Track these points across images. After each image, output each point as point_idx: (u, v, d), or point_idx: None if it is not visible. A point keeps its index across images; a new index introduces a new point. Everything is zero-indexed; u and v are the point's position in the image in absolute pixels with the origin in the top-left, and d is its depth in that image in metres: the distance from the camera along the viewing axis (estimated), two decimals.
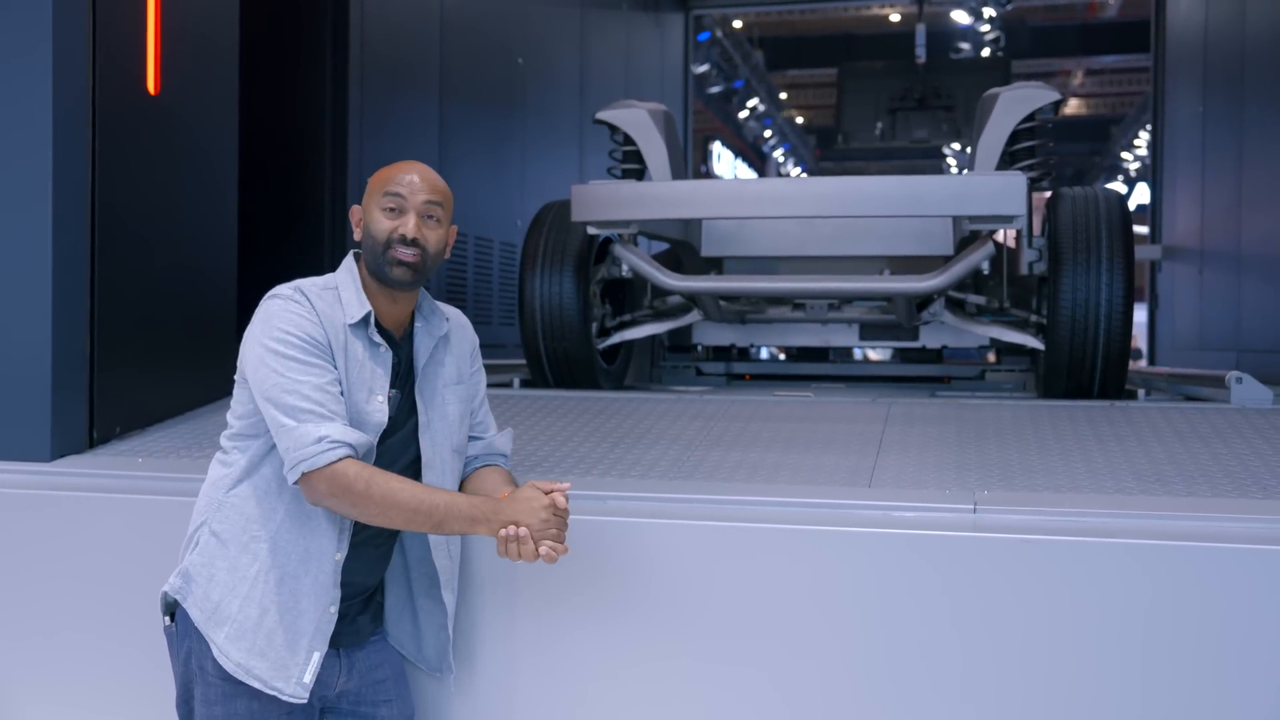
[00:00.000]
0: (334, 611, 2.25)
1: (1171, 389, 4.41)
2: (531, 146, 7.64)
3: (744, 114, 19.17)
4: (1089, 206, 4.04)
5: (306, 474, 2.12)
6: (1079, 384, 3.96)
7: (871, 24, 16.75)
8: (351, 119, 5.31)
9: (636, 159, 4.55)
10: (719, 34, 15.78)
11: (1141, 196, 15.85)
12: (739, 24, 16.28)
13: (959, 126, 12.88)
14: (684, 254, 5.03)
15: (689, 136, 11.52)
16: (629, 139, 4.54)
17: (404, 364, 2.35)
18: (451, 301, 6.27)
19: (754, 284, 4.40)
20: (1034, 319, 4.29)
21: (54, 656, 2.86)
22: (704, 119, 17.47)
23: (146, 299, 3.51)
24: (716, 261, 5.01)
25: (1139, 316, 5.98)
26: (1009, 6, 14.00)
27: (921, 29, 12.80)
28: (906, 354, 5.48)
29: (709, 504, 2.67)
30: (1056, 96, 4.18)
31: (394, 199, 2.29)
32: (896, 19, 16.24)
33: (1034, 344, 4.17)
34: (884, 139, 13.29)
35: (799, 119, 22.45)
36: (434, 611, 2.48)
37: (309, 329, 2.19)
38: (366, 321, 2.27)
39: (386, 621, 2.47)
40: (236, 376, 2.29)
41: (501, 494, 2.29)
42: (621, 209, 4.08)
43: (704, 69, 15.24)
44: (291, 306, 2.21)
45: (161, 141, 3.58)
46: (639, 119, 4.48)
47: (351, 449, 2.13)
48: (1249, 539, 2.34)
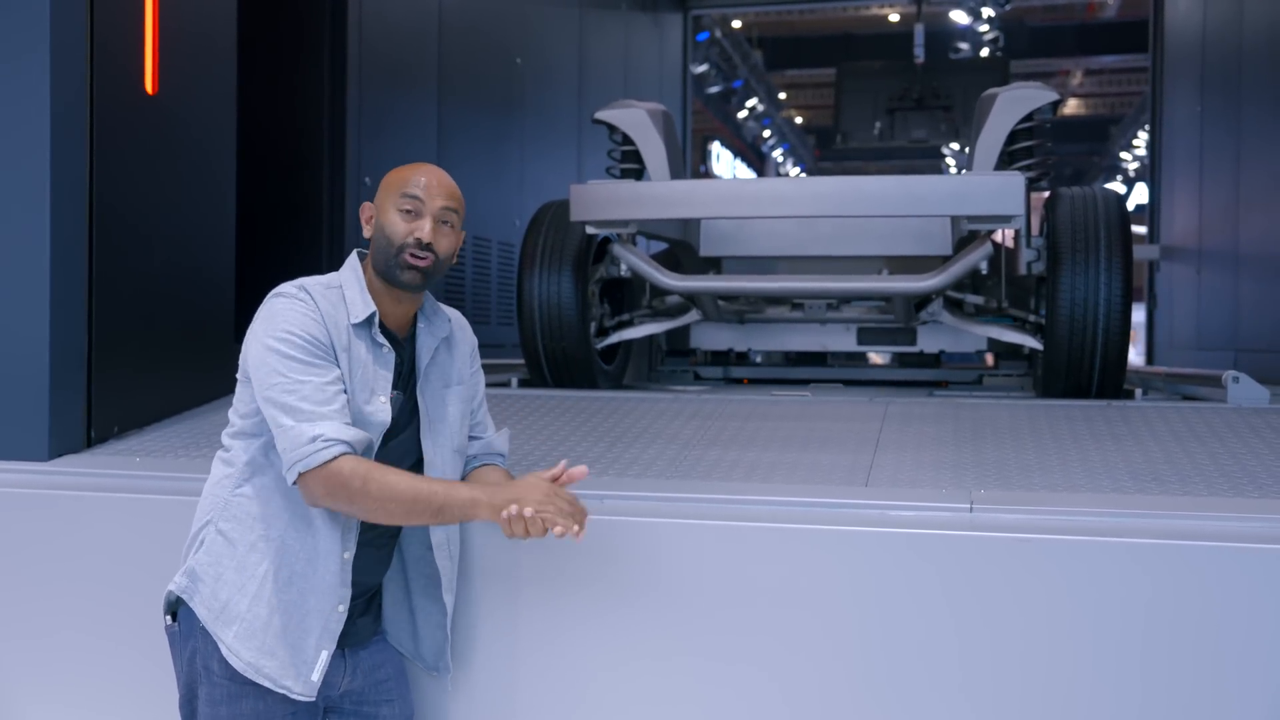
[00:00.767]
0: (343, 610, 2.25)
1: (1169, 389, 4.42)
2: (530, 146, 7.64)
3: (743, 114, 19.19)
4: (1088, 206, 4.04)
5: (303, 474, 2.11)
6: (1077, 383, 3.96)
7: (870, 24, 16.76)
8: (350, 119, 5.31)
9: (635, 159, 4.56)
10: (718, 34, 15.79)
11: (1140, 196, 15.86)
12: (738, 24, 16.29)
13: (957, 126, 12.88)
14: (682, 254, 5.03)
15: (688, 136, 11.53)
16: (628, 139, 4.54)
17: (406, 365, 2.35)
18: (449, 301, 6.27)
19: (753, 284, 4.41)
20: (1032, 319, 4.30)
21: (52, 656, 2.86)
22: (703, 119, 17.49)
23: (145, 298, 3.51)
24: (715, 261, 5.01)
25: (1137, 316, 5.98)
26: (1008, 6, 14.01)
27: (920, 29, 12.81)
28: (904, 358, 5.49)
29: (706, 503, 2.67)
30: (1055, 97, 4.19)
31: (411, 201, 2.28)
32: (895, 19, 16.25)
33: (1032, 344, 4.18)
34: (882, 139, 13.29)
35: (798, 119, 22.47)
36: (431, 611, 2.48)
37: (312, 328, 2.19)
38: (370, 322, 2.27)
39: (385, 620, 2.47)
40: (239, 374, 2.28)
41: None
42: (620, 209, 4.08)
43: (703, 69, 15.25)
44: (295, 305, 2.21)
45: (160, 141, 3.58)
46: (638, 119, 4.49)
47: (348, 446, 2.12)
48: (1245, 538, 2.35)
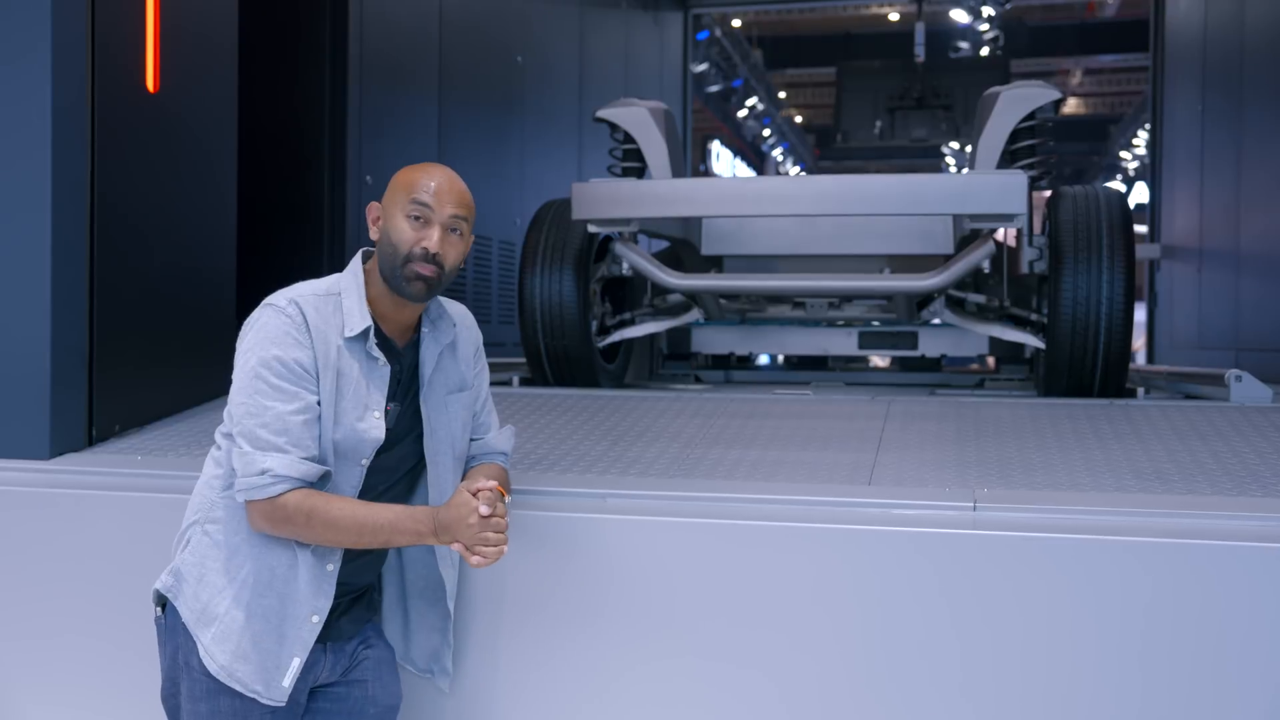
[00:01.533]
0: (317, 621, 2.22)
1: (1171, 387, 4.41)
2: (530, 145, 7.64)
3: (743, 113, 19.18)
4: (1090, 205, 4.03)
5: (249, 502, 2.13)
6: (1079, 382, 3.96)
7: (870, 23, 16.76)
8: (350, 117, 5.30)
9: (637, 157, 4.55)
10: (718, 33, 15.78)
11: (1140, 195, 15.85)
12: (738, 23, 16.29)
13: (958, 125, 12.89)
14: (684, 252, 5.03)
15: (688, 135, 11.52)
16: (629, 137, 4.54)
17: (405, 372, 2.31)
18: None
19: (754, 282, 4.41)
20: (1034, 318, 4.29)
21: (52, 655, 2.85)
22: (703, 118, 17.48)
23: (145, 297, 3.51)
24: (716, 260, 5.01)
25: (1138, 315, 6.00)
26: (1008, 6, 14.02)
27: (920, 28, 12.80)
28: (905, 362, 5.49)
29: (708, 501, 2.67)
30: (1057, 95, 4.18)
31: (420, 208, 2.21)
32: (895, 18, 16.25)
33: (1034, 343, 4.17)
34: (883, 138, 13.30)
35: (797, 118, 22.46)
36: (426, 613, 2.47)
37: (292, 351, 2.14)
38: (366, 336, 2.22)
39: (382, 618, 2.47)
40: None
41: None
42: (622, 207, 4.07)
43: (703, 68, 15.25)
44: (281, 324, 2.16)
45: (161, 140, 3.58)
46: (639, 117, 4.48)
47: (296, 482, 2.11)
48: (1249, 536, 2.34)
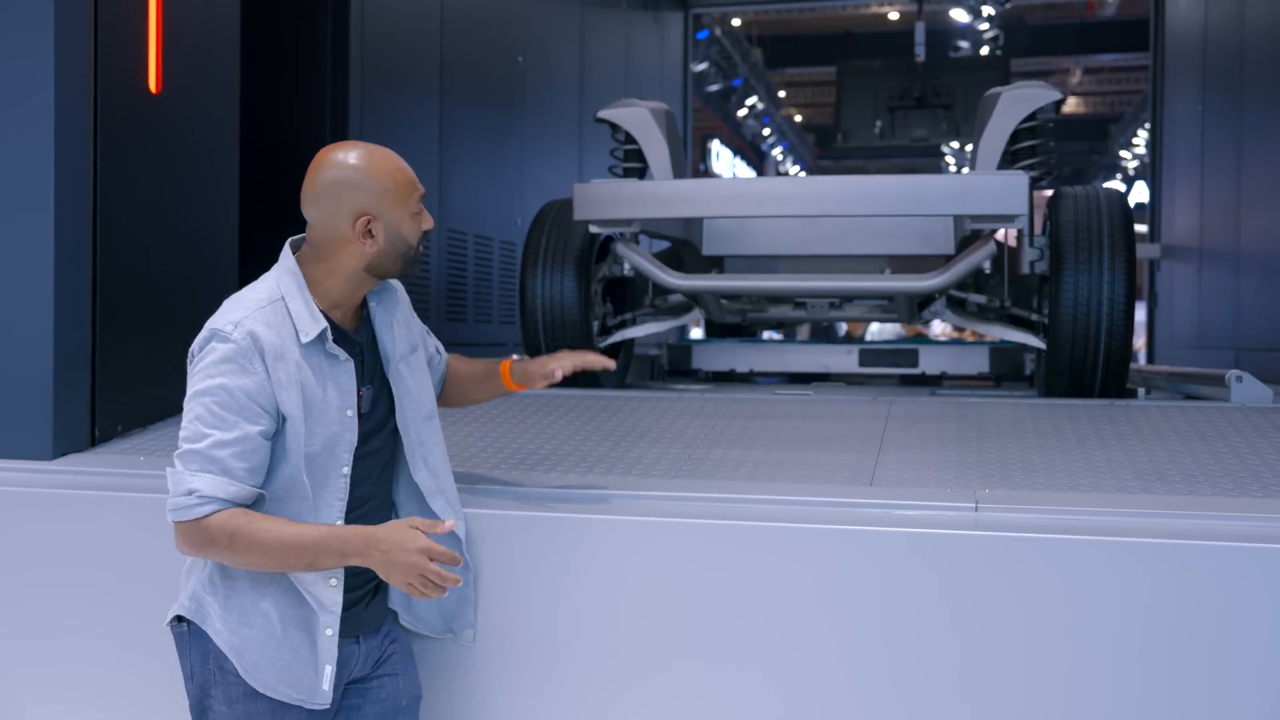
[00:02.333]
0: (330, 634, 2.22)
1: (1171, 388, 4.42)
2: (531, 145, 7.64)
3: (742, 112, 19.17)
4: (1091, 205, 4.04)
5: (175, 522, 2.12)
6: (1080, 383, 3.96)
7: (870, 22, 16.75)
8: (352, 118, 5.31)
9: (638, 158, 4.55)
10: (717, 32, 15.77)
11: (1140, 195, 15.87)
12: (737, 22, 16.27)
13: (958, 125, 12.89)
14: (685, 253, 5.03)
15: (688, 135, 11.52)
16: (630, 138, 4.54)
17: (366, 353, 2.31)
18: (451, 300, 6.30)
19: (756, 282, 4.41)
20: (1035, 318, 4.30)
21: (56, 656, 2.86)
22: (702, 117, 17.47)
23: (147, 297, 3.51)
24: (718, 260, 5.01)
25: (1138, 315, 6.01)
26: (1008, 5, 14.01)
27: (921, 27, 12.80)
28: (907, 379, 5.51)
29: (710, 502, 2.67)
30: (1058, 96, 4.19)
31: (419, 200, 2.29)
32: (895, 17, 16.25)
33: (1035, 343, 4.18)
34: (883, 137, 13.29)
35: (797, 117, 22.45)
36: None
37: (237, 379, 2.11)
38: (324, 337, 2.21)
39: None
40: None
41: (504, 364, 2.55)
42: (624, 207, 4.08)
43: (702, 67, 15.24)
44: (226, 351, 2.12)
45: (163, 140, 3.58)
46: (641, 118, 4.49)
47: (221, 504, 2.10)
48: (1250, 537, 2.34)
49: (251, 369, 2.12)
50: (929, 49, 13.23)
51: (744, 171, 21.73)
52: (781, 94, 20.83)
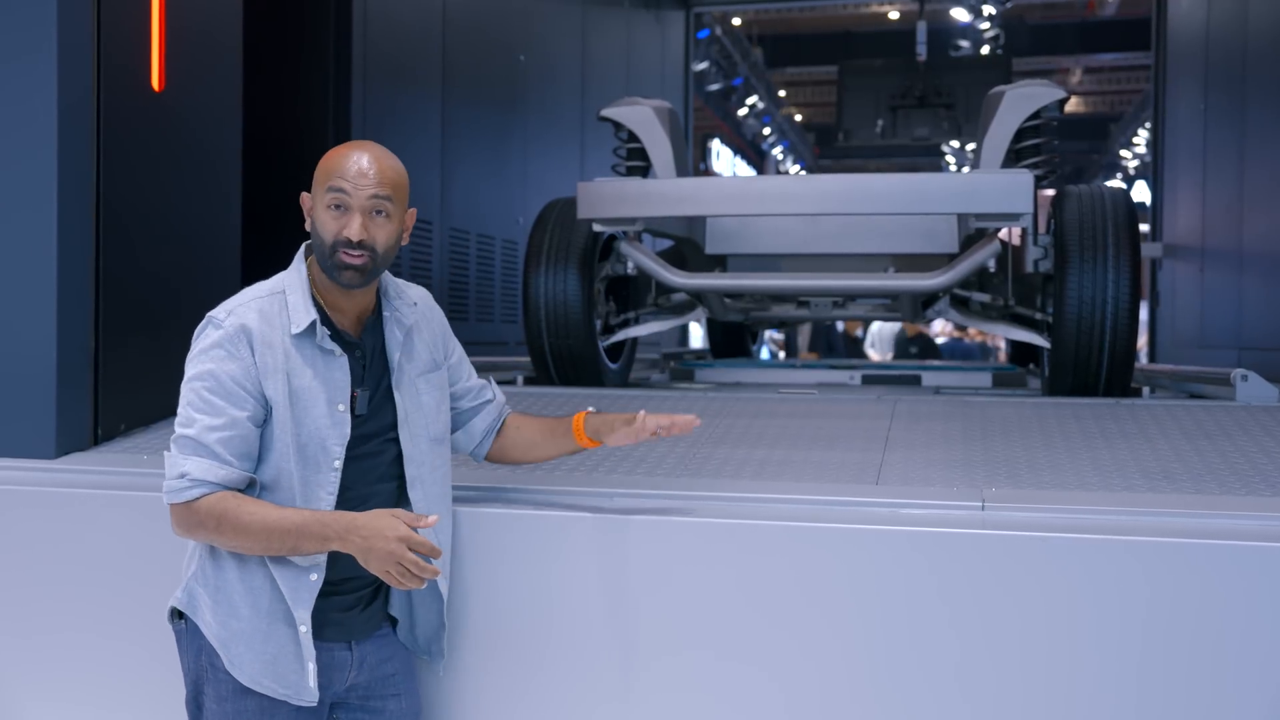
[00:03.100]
0: (305, 630, 2.22)
1: (1175, 387, 4.41)
2: (533, 144, 7.64)
3: (743, 112, 19.15)
4: (1095, 204, 4.03)
5: (170, 505, 2.17)
6: (1084, 381, 3.95)
7: (870, 21, 16.74)
8: (354, 116, 5.31)
9: (641, 156, 4.55)
10: (718, 31, 15.76)
11: (1140, 194, 15.87)
12: (738, 21, 16.26)
13: (959, 124, 12.87)
14: (688, 251, 5.02)
15: (690, 134, 11.51)
16: (633, 136, 4.53)
17: (370, 358, 2.30)
18: (453, 299, 6.29)
19: (759, 281, 4.41)
20: (1039, 317, 4.29)
21: (59, 654, 2.85)
22: (703, 116, 17.45)
23: (150, 296, 3.51)
24: (721, 259, 5.01)
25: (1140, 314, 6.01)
26: (1008, 4, 13.99)
27: (923, 26, 12.78)
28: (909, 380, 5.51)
29: (715, 501, 2.67)
30: (1062, 94, 4.18)
31: (337, 195, 2.17)
32: (895, 16, 16.23)
33: (1039, 341, 4.17)
34: (884, 137, 13.27)
35: (797, 116, 22.44)
36: (425, 594, 2.45)
37: (224, 365, 2.16)
38: (313, 329, 2.22)
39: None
40: None
41: (577, 421, 2.42)
42: (628, 206, 4.07)
43: (703, 66, 15.22)
44: (214, 338, 2.18)
45: (166, 138, 3.57)
46: (644, 116, 4.48)
47: (212, 487, 2.13)
48: (1258, 536, 2.34)
49: (238, 354, 2.17)
50: (930, 48, 13.21)
51: (744, 171, 21.71)
52: (782, 93, 20.82)
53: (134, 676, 2.76)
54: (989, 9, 13.96)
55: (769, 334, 13.30)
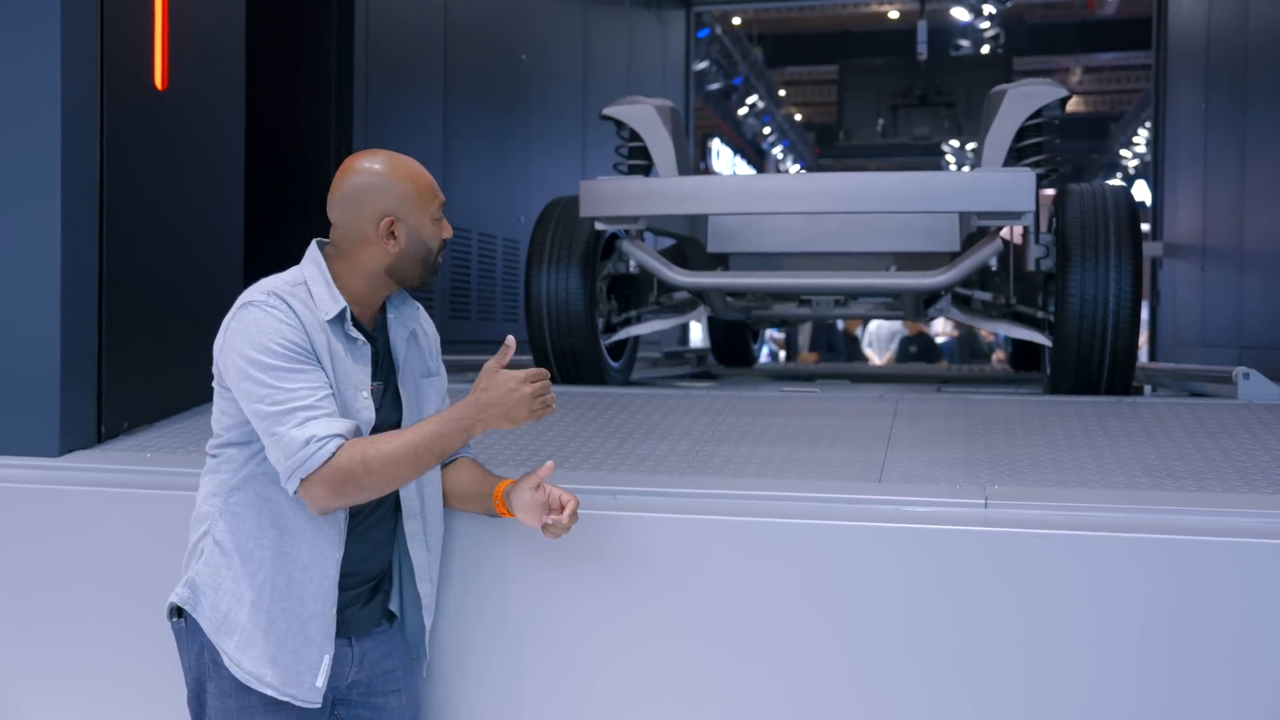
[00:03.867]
0: (333, 614, 2.24)
1: (1177, 385, 4.41)
2: (534, 143, 7.64)
3: (743, 111, 19.16)
4: (1097, 203, 4.03)
5: (304, 481, 2.11)
6: (1086, 380, 3.96)
7: (870, 21, 16.75)
8: (356, 116, 5.32)
9: (643, 155, 4.55)
10: (718, 30, 15.77)
11: (1140, 194, 15.87)
12: (738, 20, 16.27)
13: (960, 124, 12.87)
14: (690, 250, 5.03)
15: (691, 133, 11.52)
16: (635, 135, 4.54)
17: (382, 355, 2.34)
18: (454, 298, 6.30)
19: (761, 279, 4.41)
20: (1041, 315, 4.29)
21: (63, 652, 2.85)
22: (703, 116, 17.47)
23: (154, 294, 3.51)
24: (723, 257, 5.01)
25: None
26: (1008, 4, 14.00)
27: (923, 25, 12.78)
28: (911, 377, 5.52)
29: (719, 499, 2.67)
30: (1064, 93, 4.18)
31: (440, 207, 2.32)
32: (895, 16, 16.24)
33: (1041, 340, 4.18)
34: (885, 136, 13.26)
35: (797, 116, 22.44)
36: (413, 595, 2.46)
37: (289, 334, 2.16)
38: (342, 318, 2.25)
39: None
40: (216, 384, 2.27)
41: (498, 487, 2.36)
42: (630, 205, 4.08)
43: (703, 66, 15.23)
44: (269, 313, 2.18)
45: (168, 137, 3.58)
46: (646, 115, 4.48)
47: (341, 438, 2.12)
48: (1261, 533, 2.34)
49: (291, 322, 2.17)
50: (930, 47, 13.21)
51: (744, 170, 21.72)
52: (782, 93, 20.82)
53: (138, 675, 2.77)
54: (989, 8, 13.98)
55: (770, 333, 13.30)
